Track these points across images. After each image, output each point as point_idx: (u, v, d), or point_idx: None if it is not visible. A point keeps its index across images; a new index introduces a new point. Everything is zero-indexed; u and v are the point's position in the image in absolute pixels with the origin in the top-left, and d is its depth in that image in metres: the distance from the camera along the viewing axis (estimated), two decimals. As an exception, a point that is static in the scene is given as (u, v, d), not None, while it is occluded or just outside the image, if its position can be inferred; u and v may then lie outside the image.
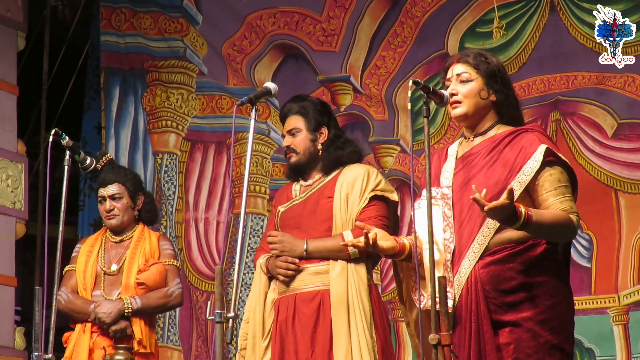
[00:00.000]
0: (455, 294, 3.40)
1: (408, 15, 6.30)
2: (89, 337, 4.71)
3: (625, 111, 5.78)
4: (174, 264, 4.88)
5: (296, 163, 4.35)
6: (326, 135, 4.35)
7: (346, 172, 4.30)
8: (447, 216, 3.48)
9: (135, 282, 4.75)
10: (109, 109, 6.87)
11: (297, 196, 4.35)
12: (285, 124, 4.41)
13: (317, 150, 4.34)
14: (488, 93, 3.56)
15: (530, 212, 3.29)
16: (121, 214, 4.86)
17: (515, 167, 3.43)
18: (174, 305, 4.92)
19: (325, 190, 4.28)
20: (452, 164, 3.59)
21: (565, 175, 3.45)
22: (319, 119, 4.36)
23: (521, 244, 3.41)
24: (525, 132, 3.51)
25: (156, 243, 4.88)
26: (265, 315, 4.26)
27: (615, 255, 5.70)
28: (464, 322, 3.39)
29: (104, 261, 4.83)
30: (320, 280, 4.18)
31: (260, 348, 4.22)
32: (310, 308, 4.17)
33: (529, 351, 3.35)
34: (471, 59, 3.57)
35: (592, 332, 5.64)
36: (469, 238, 3.43)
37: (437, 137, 6.09)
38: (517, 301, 3.38)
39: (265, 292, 4.29)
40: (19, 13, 6.44)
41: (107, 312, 4.68)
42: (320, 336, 4.13)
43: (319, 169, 4.35)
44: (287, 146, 4.36)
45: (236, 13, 6.64)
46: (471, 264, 3.40)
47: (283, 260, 4.21)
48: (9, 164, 6.27)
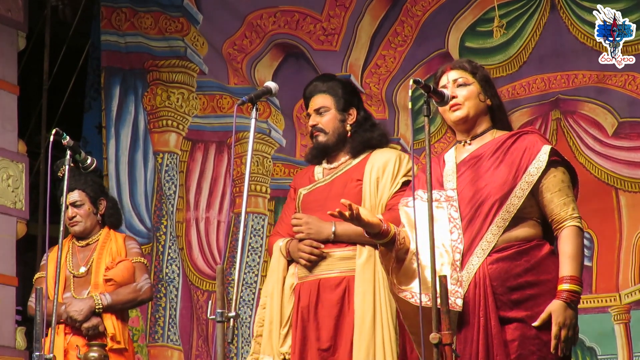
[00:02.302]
0: (463, 289, 3.41)
1: (408, 14, 6.30)
2: (62, 338, 4.77)
3: (625, 110, 5.78)
4: (142, 261, 4.97)
5: (324, 143, 4.20)
6: (355, 117, 4.22)
7: (376, 156, 4.16)
8: (453, 218, 3.51)
9: (103, 280, 4.84)
10: (110, 108, 6.87)
11: (321, 179, 4.21)
12: (311, 102, 4.26)
13: (346, 132, 4.20)
14: (485, 97, 3.63)
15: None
16: (84, 220, 4.95)
17: (521, 168, 3.48)
18: (144, 300, 5.00)
19: (354, 173, 4.14)
20: (453, 167, 3.61)
21: (567, 176, 3.53)
22: (348, 99, 4.23)
23: (528, 242, 3.46)
24: (525, 134, 3.57)
25: (122, 243, 4.98)
26: (284, 301, 4.11)
27: (616, 254, 5.70)
28: (472, 318, 3.40)
29: (72, 265, 4.92)
30: (346, 266, 4.05)
31: (278, 336, 4.08)
32: (334, 294, 4.02)
33: (532, 348, 3.38)
34: (467, 64, 3.65)
35: (593, 331, 5.63)
36: (477, 236, 3.46)
37: (438, 136, 6.08)
38: (523, 299, 3.41)
39: (283, 277, 4.15)
40: (20, 13, 6.43)
41: (79, 309, 4.74)
42: (344, 325, 4.00)
43: (347, 151, 4.21)
44: (314, 125, 4.21)
45: (236, 12, 6.64)
46: (480, 260, 3.43)
47: (307, 244, 4.08)
48: (9, 164, 6.27)
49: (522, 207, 3.46)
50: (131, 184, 6.80)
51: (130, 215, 6.74)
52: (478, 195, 3.49)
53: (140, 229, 6.73)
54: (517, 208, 3.45)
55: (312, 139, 4.26)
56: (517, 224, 3.47)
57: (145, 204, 6.78)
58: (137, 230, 6.68)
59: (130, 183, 6.81)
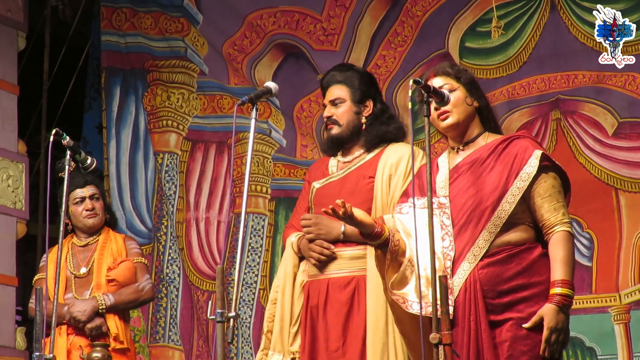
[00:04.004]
0: (453, 296, 3.41)
1: (408, 15, 6.30)
2: (65, 339, 4.77)
3: (625, 110, 5.78)
4: (142, 261, 4.99)
5: (338, 136, 4.12)
6: (371, 109, 4.14)
7: (390, 151, 4.09)
8: (445, 225, 3.51)
9: (106, 280, 4.85)
10: (110, 108, 6.87)
11: (335, 173, 4.15)
12: (327, 92, 4.19)
13: (361, 124, 4.12)
14: (472, 100, 3.60)
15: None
16: (100, 214, 4.97)
17: (512, 172, 3.48)
18: (146, 300, 5.02)
19: (367, 169, 4.08)
20: (446, 174, 3.61)
21: (558, 181, 3.52)
22: (365, 90, 4.14)
23: (519, 246, 3.46)
24: (517, 138, 3.57)
25: (122, 243, 4.99)
26: (295, 298, 4.07)
27: (615, 254, 5.70)
28: (462, 322, 3.41)
29: (73, 265, 4.92)
30: (356, 266, 4.00)
31: (288, 334, 4.06)
32: (344, 294, 3.98)
33: (523, 348, 3.39)
34: (450, 69, 3.61)
35: (593, 331, 5.64)
36: (469, 241, 3.46)
37: (438, 136, 6.06)
38: (514, 301, 3.42)
39: (294, 273, 4.11)
40: (20, 13, 6.43)
41: (82, 310, 4.75)
42: (353, 325, 3.96)
43: (361, 144, 4.13)
44: (328, 117, 4.14)
45: (237, 12, 6.64)
46: (471, 266, 3.44)
47: (318, 244, 4.02)
48: (9, 164, 6.26)
49: (514, 213, 3.46)
50: (132, 185, 6.80)
51: (131, 216, 6.74)
52: (470, 202, 3.49)
53: (141, 229, 6.73)
54: (508, 214, 3.45)
55: (326, 131, 4.18)
56: (508, 229, 3.47)
57: (145, 204, 6.78)
58: (137, 230, 6.68)
59: (131, 183, 6.81)
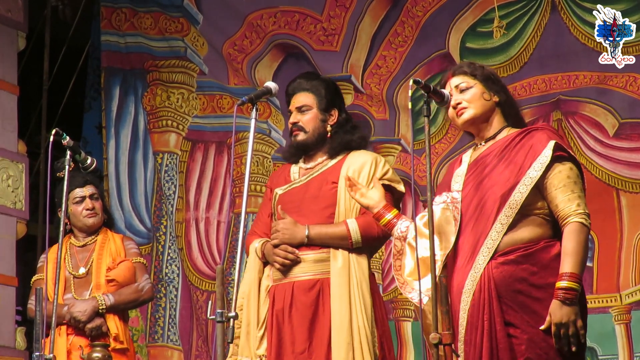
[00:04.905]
0: (469, 290, 3.42)
1: (409, 15, 6.30)
2: (65, 339, 4.77)
3: (626, 111, 5.78)
4: (141, 261, 5.00)
5: (303, 142, 4.20)
6: (336, 118, 4.21)
7: (352, 158, 4.16)
8: (455, 220, 3.51)
9: (105, 280, 4.85)
10: (110, 108, 6.87)
11: (297, 179, 4.21)
12: (293, 99, 4.25)
13: (326, 132, 4.20)
14: (490, 95, 3.61)
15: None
16: (100, 213, 4.98)
17: (525, 165, 3.46)
18: (146, 300, 5.03)
19: (330, 175, 4.14)
20: (465, 169, 3.63)
21: (574, 171, 3.49)
22: (331, 99, 4.21)
23: (534, 246, 3.44)
24: (535, 130, 3.55)
25: (120, 243, 4.99)
26: (260, 303, 4.12)
27: (616, 254, 5.70)
28: (476, 321, 3.39)
29: (72, 265, 4.92)
30: (319, 269, 4.06)
31: (254, 338, 4.10)
32: (308, 297, 4.04)
33: (539, 352, 3.36)
34: (466, 68, 3.65)
35: (594, 332, 5.62)
36: (480, 236, 3.45)
37: (438, 136, 6.08)
38: (530, 302, 3.40)
39: (259, 279, 4.16)
40: (20, 13, 6.43)
41: (82, 310, 4.75)
42: (319, 327, 4.01)
43: (325, 151, 4.20)
44: (294, 123, 4.20)
45: (237, 13, 6.63)
46: (485, 259, 3.42)
47: (282, 249, 4.08)
48: (9, 164, 6.26)
49: (526, 204, 3.43)
50: (131, 184, 6.80)
51: (130, 216, 6.74)
52: (482, 194, 3.49)
53: (140, 229, 6.73)
54: (519, 204, 3.43)
55: (291, 137, 4.24)
56: (521, 221, 3.45)
57: (145, 204, 6.78)
58: (137, 230, 6.68)
59: (130, 183, 6.81)
